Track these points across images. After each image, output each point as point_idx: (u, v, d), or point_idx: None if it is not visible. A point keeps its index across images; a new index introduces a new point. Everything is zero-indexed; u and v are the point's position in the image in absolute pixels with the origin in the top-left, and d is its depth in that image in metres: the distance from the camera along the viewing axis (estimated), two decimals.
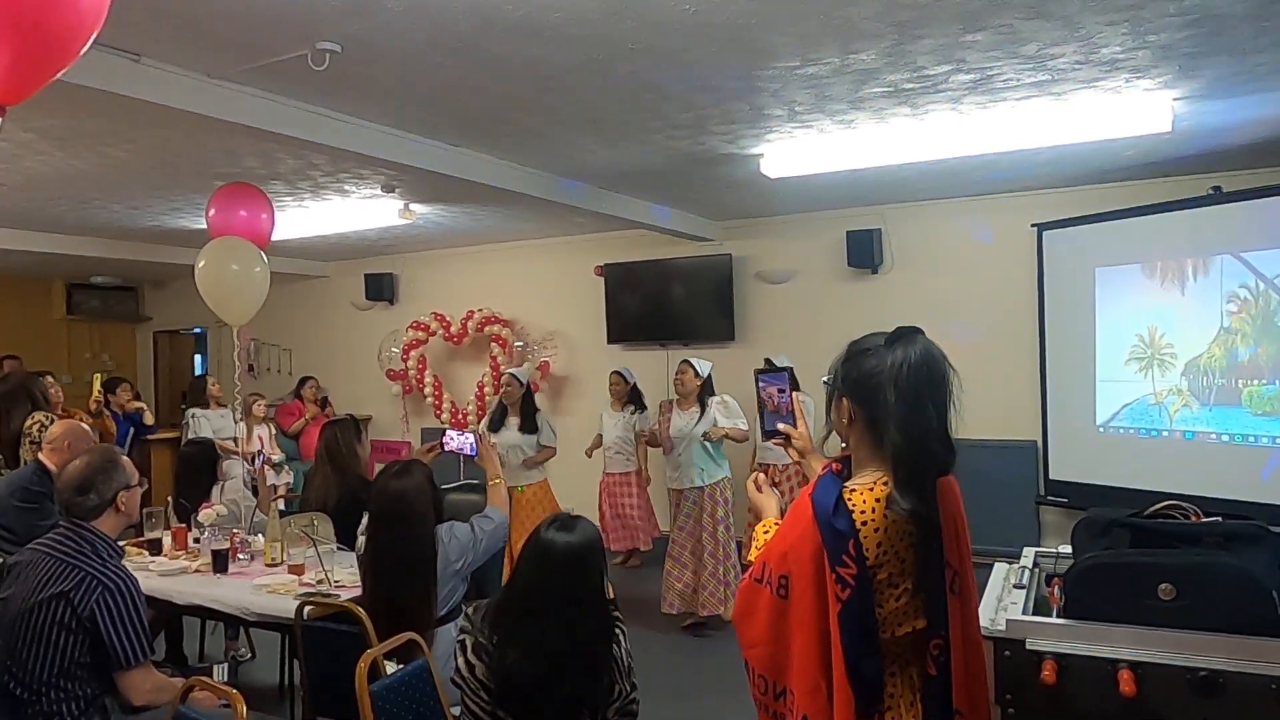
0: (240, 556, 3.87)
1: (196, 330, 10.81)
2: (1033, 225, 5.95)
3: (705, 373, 5.27)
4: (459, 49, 3.19)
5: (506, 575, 4.44)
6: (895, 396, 1.54)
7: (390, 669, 2.57)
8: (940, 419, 1.56)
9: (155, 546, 4.08)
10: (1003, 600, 2.48)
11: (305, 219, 6.39)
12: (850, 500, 1.57)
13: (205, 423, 6.93)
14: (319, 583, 3.43)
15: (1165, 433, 5.31)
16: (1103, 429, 5.63)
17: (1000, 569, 2.76)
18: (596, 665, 2.10)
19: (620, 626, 2.21)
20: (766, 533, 1.78)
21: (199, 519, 4.10)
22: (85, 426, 3.96)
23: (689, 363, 5.29)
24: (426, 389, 8.38)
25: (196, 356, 11.33)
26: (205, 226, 4.89)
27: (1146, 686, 2.05)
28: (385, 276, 8.88)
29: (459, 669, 2.14)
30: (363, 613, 2.79)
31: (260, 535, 4.08)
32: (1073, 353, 5.76)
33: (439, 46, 3.17)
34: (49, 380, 5.56)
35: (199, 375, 8.96)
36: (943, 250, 6.47)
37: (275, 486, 6.08)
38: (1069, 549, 2.62)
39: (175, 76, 3.33)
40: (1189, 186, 5.43)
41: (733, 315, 7.15)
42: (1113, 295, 5.56)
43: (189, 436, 6.66)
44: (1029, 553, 2.91)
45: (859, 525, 1.55)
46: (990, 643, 2.20)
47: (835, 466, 1.67)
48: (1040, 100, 3.96)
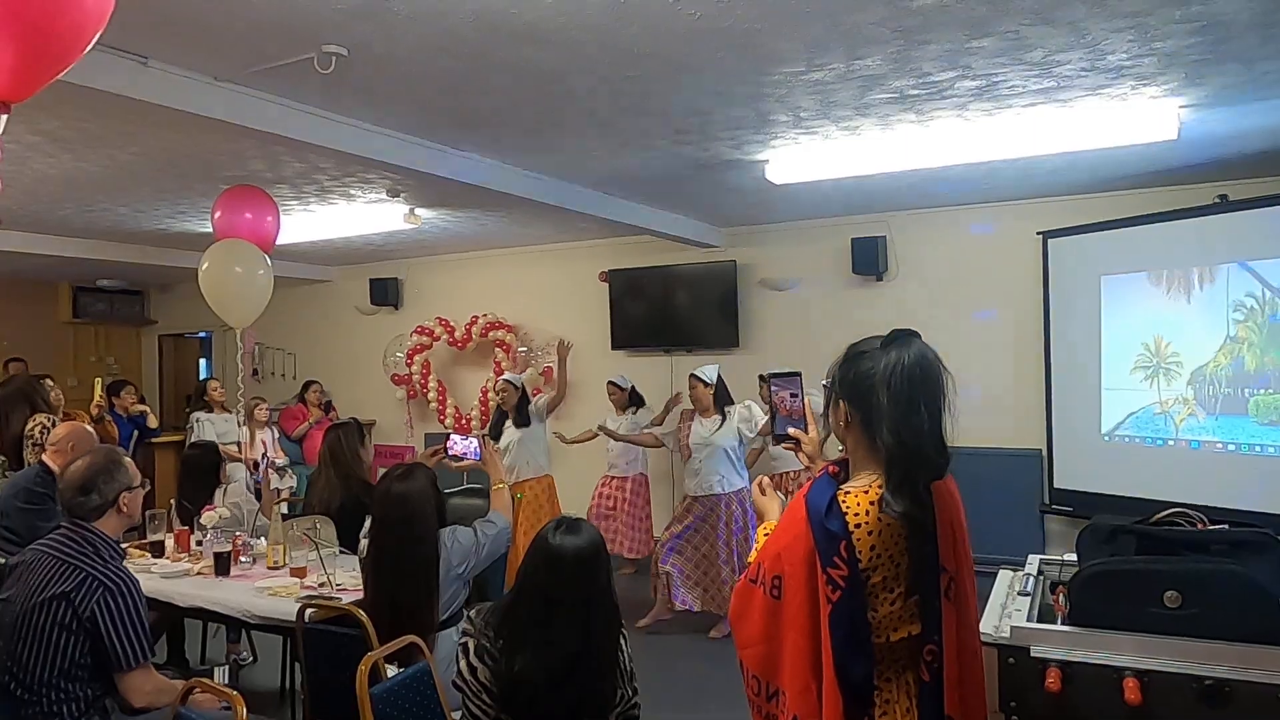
0: (242, 559, 3.86)
1: (202, 334, 10.84)
2: (1038, 233, 5.94)
3: (713, 379, 5.25)
4: (465, 53, 3.20)
5: (509, 580, 4.45)
6: (888, 398, 1.55)
7: (391, 672, 2.57)
8: (933, 421, 1.56)
9: (158, 549, 4.08)
10: (1007, 607, 2.46)
11: (311, 223, 6.41)
12: (844, 502, 1.57)
13: (209, 426, 6.94)
14: (321, 585, 3.43)
15: (1171, 442, 5.28)
16: (1108, 438, 5.60)
17: (1005, 576, 2.75)
18: (604, 667, 2.11)
19: (623, 631, 2.21)
20: (766, 534, 1.78)
21: (201, 521, 4.10)
22: (88, 428, 3.97)
23: (695, 376, 5.27)
24: (430, 394, 8.39)
25: (202, 360, 11.36)
26: (211, 230, 4.91)
27: (1152, 695, 2.03)
28: (390, 281, 8.89)
29: (461, 672, 2.14)
30: (364, 616, 2.78)
31: (263, 538, 4.08)
32: (1078, 361, 5.74)
33: (445, 50, 3.17)
34: (50, 383, 5.57)
35: (204, 379, 8.98)
36: (948, 258, 6.46)
37: (278, 490, 6.08)
38: (1074, 556, 2.60)
39: (182, 79, 3.33)
40: (1195, 195, 5.42)
41: (737, 322, 7.14)
42: (1118, 303, 5.54)
43: (192, 439, 6.67)
44: (1033, 560, 2.89)
45: (852, 527, 1.55)
46: (994, 650, 2.19)
47: (832, 469, 1.67)
48: (1046, 107, 3.96)
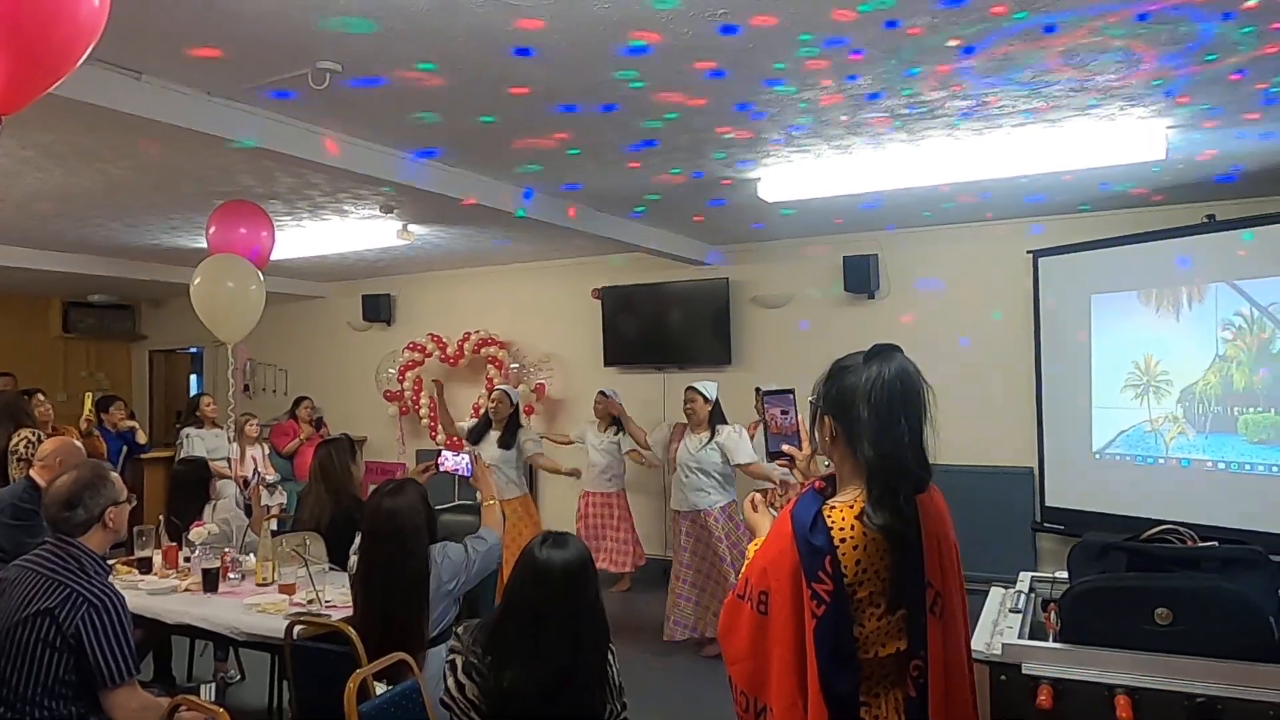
0: (231, 576, 3.84)
1: (193, 350, 10.80)
2: (1029, 252, 5.98)
3: (713, 396, 5.26)
4: (458, 70, 3.21)
5: (499, 597, 4.41)
6: (869, 411, 1.55)
7: (380, 690, 2.55)
8: (914, 434, 1.57)
9: (145, 565, 4.05)
10: (999, 624, 2.46)
11: (303, 239, 6.40)
12: (829, 517, 1.57)
13: (199, 442, 6.90)
14: (310, 602, 3.40)
15: (1161, 460, 5.29)
16: (1099, 456, 5.61)
17: (996, 593, 2.75)
18: (593, 681, 2.10)
19: (611, 646, 2.20)
20: (756, 549, 1.78)
21: (190, 537, 4.08)
22: (76, 443, 3.94)
23: (696, 389, 5.25)
24: (422, 410, 8.36)
25: (192, 376, 11.31)
26: (203, 245, 4.91)
27: (1143, 712, 2.02)
28: (383, 297, 8.89)
29: (448, 689, 2.12)
30: (353, 632, 2.76)
31: (251, 555, 4.05)
32: (1069, 379, 5.77)
33: (438, 67, 3.19)
34: (38, 399, 5.54)
35: (196, 395, 8.95)
36: (940, 276, 6.49)
37: (268, 507, 6.05)
38: (1065, 574, 2.60)
39: (176, 94, 3.34)
40: (1184, 214, 5.46)
41: (729, 339, 7.15)
42: (1108, 322, 5.57)
43: (182, 455, 6.63)
44: (1025, 577, 2.89)
45: (837, 542, 1.55)
46: (986, 667, 2.19)
47: (819, 484, 1.68)
48: (1035, 127, 3.99)
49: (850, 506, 1.58)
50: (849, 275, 6.62)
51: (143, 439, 7.45)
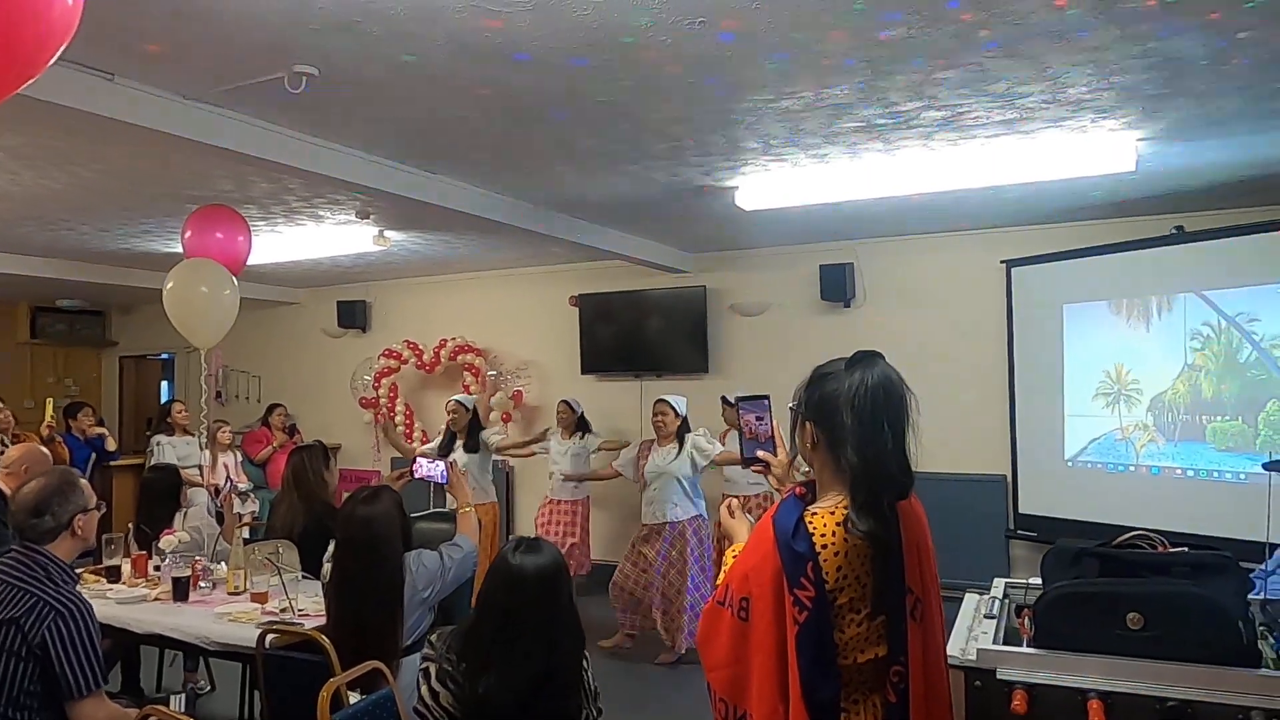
0: (202, 584, 3.79)
1: (164, 356, 10.66)
2: (1002, 262, 6.04)
3: (684, 410, 5.32)
4: (436, 74, 3.21)
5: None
6: (852, 418, 1.56)
7: (354, 699, 2.52)
8: (897, 441, 1.57)
9: (114, 574, 3.98)
10: (973, 630, 2.47)
11: (278, 244, 6.35)
12: (811, 523, 1.57)
13: (170, 450, 6.81)
14: (282, 611, 3.36)
15: (1132, 467, 5.36)
16: (1071, 463, 5.68)
17: (971, 599, 2.76)
18: (570, 685, 2.09)
19: (584, 650, 2.20)
20: (735, 556, 1.78)
21: (160, 546, 4.01)
22: (43, 450, 3.88)
23: (667, 402, 5.31)
24: (398, 418, 8.30)
25: (164, 383, 11.15)
26: (175, 250, 4.86)
27: (1116, 716, 2.04)
28: (358, 304, 8.82)
29: (422, 698, 2.10)
30: (327, 641, 2.73)
31: (223, 563, 4.00)
32: (1041, 388, 5.83)
33: (416, 71, 3.18)
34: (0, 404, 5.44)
35: (166, 401, 8.82)
36: (914, 285, 6.55)
37: (241, 514, 5.98)
38: (1038, 580, 2.63)
39: (149, 97, 3.30)
40: (1153, 226, 5.54)
41: (706, 347, 7.16)
42: (1080, 331, 5.64)
43: (153, 463, 6.54)
44: (999, 583, 2.92)
45: (819, 548, 1.55)
46: (961, 673, 2.20)
47: (799, 490, 1.68)
48: (1009, 138, 4.04)
49: (832, 512, 1.58)
50: (825, 283, 6.66)
51: (112, 446, 7.34)
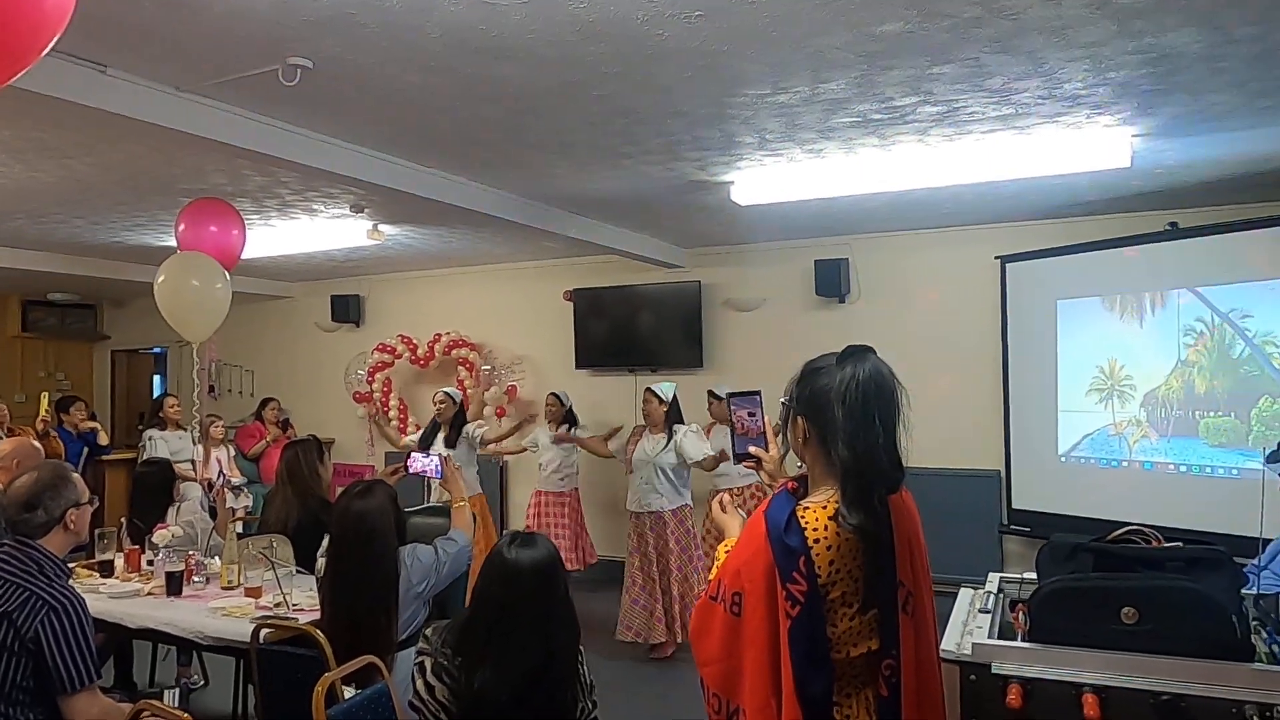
0: (195, 579, 3.78)
1: (156, 350, 10.62)
2: (996, 257, 6.05)
3: (669, 396, 5.30)
4: (431, 68, 3.19)
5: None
6: (843, 412, 1.56)
7: (349, 694, 2.51)
8: (888, 435, 1.58)
9: (107, 568, 3.97)
10: (968, 625, 2.48)
11: (272, 238, 6.31)
12: (803, 518, 1.58)
13: (163, 444, 6.79)
14: (276, 605, 3.36)
15: (1125, 463, 5.38)
16: (1064, 459, 5.69)
17: (966, 594, 2.77)
18: (566, 679, 2.10)
19: (580, 643, 2.20)
20: (727, 551, 1.78)
21: (153, 540, 4.00)
22: (35, 444, 3.86)
23: (652, 390, 5.34)
24: (392, 412, 8.29)
25: (156, 377, 11.11)
26: (168, 243, 4.84)
27: (1111, 710, 2.05)
28: (352, 298, 8.80)
29: (418, 692, 2.10)
30: (321, 636, 2.72)
31: (217, 558, 3.99)
32: (1035, 383, 5.84)
33: (411, 65, 3.16)
34: None
35: (158, 396, 8.80)
36: (909, 281, 6.56)
37: (234, 509, 5.97)
38: (1033, 575, 2.63)
39: (142, 89, 3.28)
40: (1147, 222, 5.55)
41: (701, 342, 7.16)
42: (1074, 327, 5.65)
43: (145, 457, 6.52)
44: (993, 578, 2.92)
45: (811, 543, 1.55)
46: (956, 667, 2.21)
47: (791, 485, 1.68)
48: (1004, 134, 4.04)
49: (824, 507, 1.59)
50: (820, 279, 6.66)
51: (104, 440, 7.33)
